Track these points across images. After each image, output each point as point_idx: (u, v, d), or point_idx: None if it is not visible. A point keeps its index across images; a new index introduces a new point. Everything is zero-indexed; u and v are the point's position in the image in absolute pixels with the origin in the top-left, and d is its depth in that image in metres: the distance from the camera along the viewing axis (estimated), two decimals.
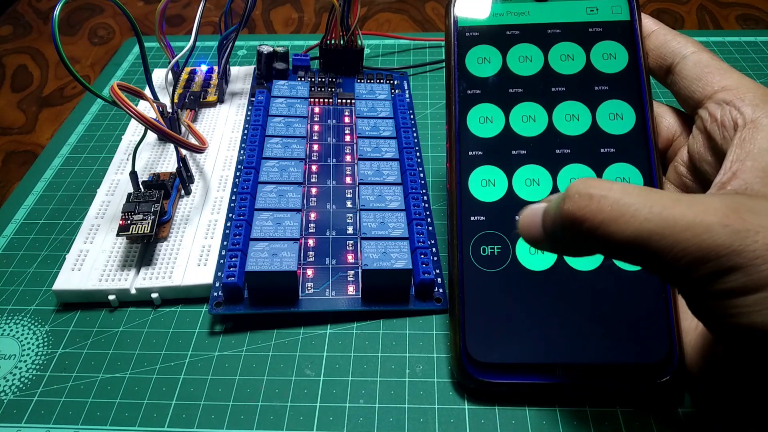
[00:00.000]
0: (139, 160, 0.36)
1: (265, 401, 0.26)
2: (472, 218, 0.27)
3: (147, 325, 0.29)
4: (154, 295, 0.29)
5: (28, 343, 0.28)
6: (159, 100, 0.36)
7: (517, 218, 0.21)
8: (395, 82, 0.42)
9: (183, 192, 0.34)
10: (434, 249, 0.31)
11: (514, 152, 0.27)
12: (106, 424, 0.25)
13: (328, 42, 0.41)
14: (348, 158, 0.35)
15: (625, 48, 0.28)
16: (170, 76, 0.42)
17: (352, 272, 0.29)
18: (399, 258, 0.28)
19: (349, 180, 0.34)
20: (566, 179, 0.27)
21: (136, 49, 0.50)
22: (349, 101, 0.40)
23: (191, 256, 0.30)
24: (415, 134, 0.38)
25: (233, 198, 0.33)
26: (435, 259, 0.31)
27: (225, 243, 0.30)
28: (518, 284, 0.25)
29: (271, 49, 0.41)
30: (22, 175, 0.38)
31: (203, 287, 0.29)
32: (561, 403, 0.25)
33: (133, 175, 0.33)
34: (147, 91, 0.35)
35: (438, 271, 0.30)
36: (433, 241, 0.32)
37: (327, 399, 0.26)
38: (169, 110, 0.36)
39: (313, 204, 0.32)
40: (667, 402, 0.25)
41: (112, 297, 0.29)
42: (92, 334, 0.28)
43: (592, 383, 0.25)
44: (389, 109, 0.37)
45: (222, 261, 0.30)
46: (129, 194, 0.31)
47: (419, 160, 0.36)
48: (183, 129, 0.38)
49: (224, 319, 0.29)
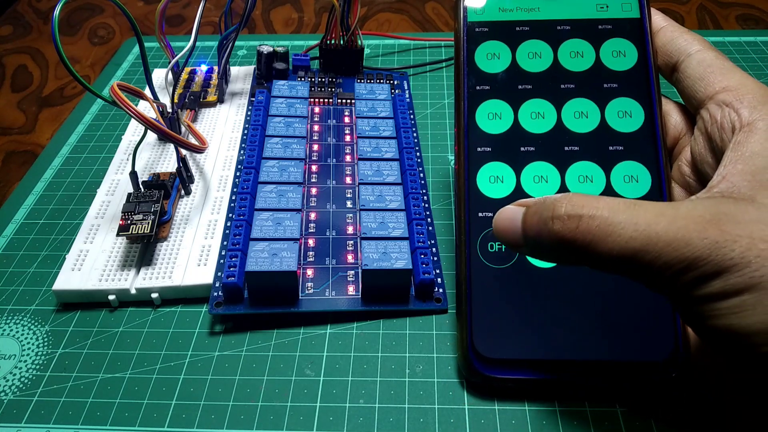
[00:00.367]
0: (139, 160, 0.36)
1: (265, 401, 0.26)
2: (480, 214, 0.26)
3: (147, 325, 0.29)
4: (154, 295, 0.29)
5: (28, 343, 0.28)
6: (159, 100, 0.36)
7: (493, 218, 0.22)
8: (395, 82, 0.42)
9: (183, 192, 0.34)
10: (434, 249, 0.31)
11: (522, 149, 0.27)
12: (106, 424, 0.25)
13: (328, 42, 0.41)
14: (348, 158, 0.35)
15: (635, 46, 0.28)
16: (170, 76, 0.42)
17: (352, 272, 0.29)
18: (399, 258, 0.28)
19: (349, 180, 0.34)
20: (574, 176, 0.27)
21: (136, 49, 0.50)
22: (349, 101, 0.40)
23: (191, 256, 0.30)
24: (415, 134, 0.38)
25: (233, 198, 0.33)
26: (435, 259, 0.31)
27: (225, 243, 0.30)
28: (525, 281, 0.25)
29: (271, 49, 0.41)
30: (22, 175, 0.38)
31: (203, 287, 0.29)
32: (562, 401, 0.25)
33: (133, 175, 0.33)
34: (147, 91, 0.35)
35: (438, 271, 0.30)
36: (433, 241, 0.32)
37: (327, 399, 0.26)
38: (169, 110, 0.36)
39: (313, 204, 0.32)
40: (667, 401, 0.25)
41: (112, 297, 0.29)
42: (92, 334, 0.29)
43: (598, 380, 0.25)
44: (389, 109, 0.37)
45: (222, 261, 0.30)
46: (129, 194, 0.31)
47: (419, 160, 0.36)
48: (183, 129, 0.38)
49: (224, 319, 0.29)
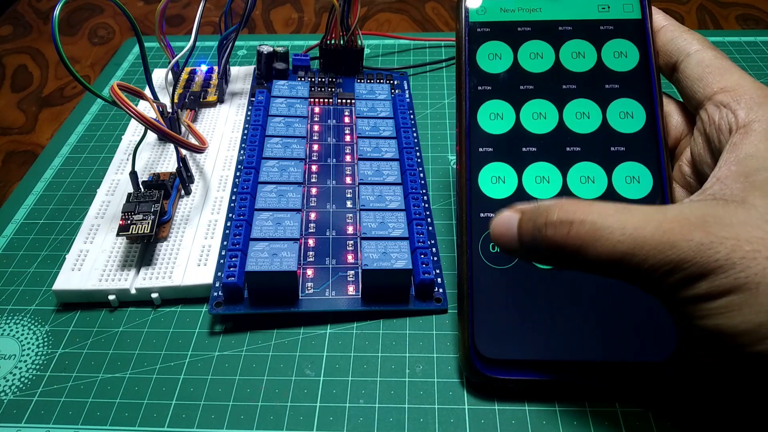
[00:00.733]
0: (139, 160, 0.36)
1: (265, 401, 0.26)
2: (481, 215, 0.26)
3: (147, 325, 0.29)
4: (154, 295, 0.29)
5: (28, 343, 0.28)
6: (159, 100, 0.36)
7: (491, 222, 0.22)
8: (395, 82, 0.42)
9: (183, 192, 0.34)
10: (434, 249, 0.31)
11: (524, 149, 0.27)
12: (106, 424, 0.25)
13: (328, 42, 0.41)
14: (348, 158, 0.35)
15: (637, 46, 0.28)
16: (170, 76, 0.42)
17: (352, 272, 0.29)
18: (399, 258, 0.28)
19: (349, 180, 0.34)
20: (576, 177, 0.27)
21: (136, 49, 0.50)
22: (349, 101, 0.40)
23: (191, 256, 0.30)
24: (415, 134, 0.38)
25: (233, 198, 0.33)
26: (435, 259, 0.31)
27: (225, 243, 0.30)
28: (527, 281, 0.25)
29: (271, 49, 0.41)
30: (22, 175, 0.38)
31: (203, 287, 0.29)
32: (562, 401, 0.25)
33: (133, 175, 0.33)
34: (147, 91, 0.35)
35: (438, 271, 0.30)
36: (433, 241, 0.32)
37: (327, 399, 0.26)
38: (169, 110, 0.36)
39: (313, 204, 0.32)
40: (667, 401, 0.25)
41: (112, 297, 0.29)
42: (92, 334, 0.28)
43: (599, 381, 0.25)
44: (389, 109, 0.37)
45: (222, 261, 0.30)
46: (129, 194, 0.31)
47: (419, 160, 0.36)
48: (183, 129, 0.38)
49: (224, 319, 0.29)
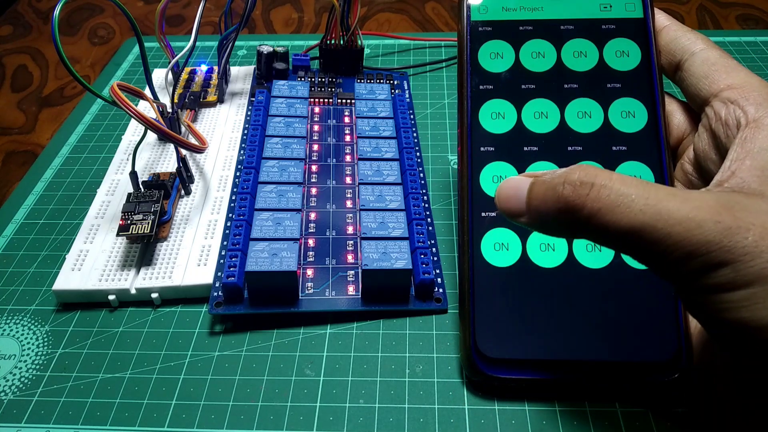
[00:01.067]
0: (139, 160, 0.36)
1: (265, 401, 0.26)
2: (483, 214, 0.26)
3: (147, 325, 0.29)
4: (154, 295, 0.29)
5: (28, 343, 0.28)
6: (159, 100, 0.36)
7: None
8: (395, 82, 0.42)
9: (183, 192, 0.34)
10: (434, 249, 0.31)
11: (525, 148, 0.27)
12: (106, 424, 0.25)
13: (328, 42, 0.41)
14: (348, 158, 0.35)
15: (638, 46, 0.28)
16: (170, 76, 0.42)
17: (352, 272, 0.29)
18: (399, 258, 0.28)
19: (349, 180, 0.34)
20: None
21: (136, 49, 0.50)
22: (349, 101, 0.40)
23: (191, 256, 0.30)
24: (415, 134, 0.38)
25: (233, 198, 0.33)
26: (435, 259, 0.31)
27: (225, 243, 0.30)
28: (528, 281, 0.25)
29: (271, 49, 0.41)
30: (22, 175, 0.38)
31: (203, 287, 0.29)
32: (562, 401, 0.25)
33: (133, 175, 0.33)
34: (147, 91, 0.35)
35: (438, 271, 0.30)
36: (433, 241, 0.32)
37: (327, 399, 0.26)
38: (169, 110, 0.36)
39: (313, 204, 0.32)
40: (666, 401, 0.25)
41: (112, 297, 0.29)
42: (92, 334, 0.29)
43: (600, 381, 0.25)
44: (389, 109, 0.37)
45: (222, 261, 0.30)
46: (129, 194, 0.31)
47: (419, 160, 0.36)
48: (183, 129, 0.38)
49: (224, 319, 0.29)
